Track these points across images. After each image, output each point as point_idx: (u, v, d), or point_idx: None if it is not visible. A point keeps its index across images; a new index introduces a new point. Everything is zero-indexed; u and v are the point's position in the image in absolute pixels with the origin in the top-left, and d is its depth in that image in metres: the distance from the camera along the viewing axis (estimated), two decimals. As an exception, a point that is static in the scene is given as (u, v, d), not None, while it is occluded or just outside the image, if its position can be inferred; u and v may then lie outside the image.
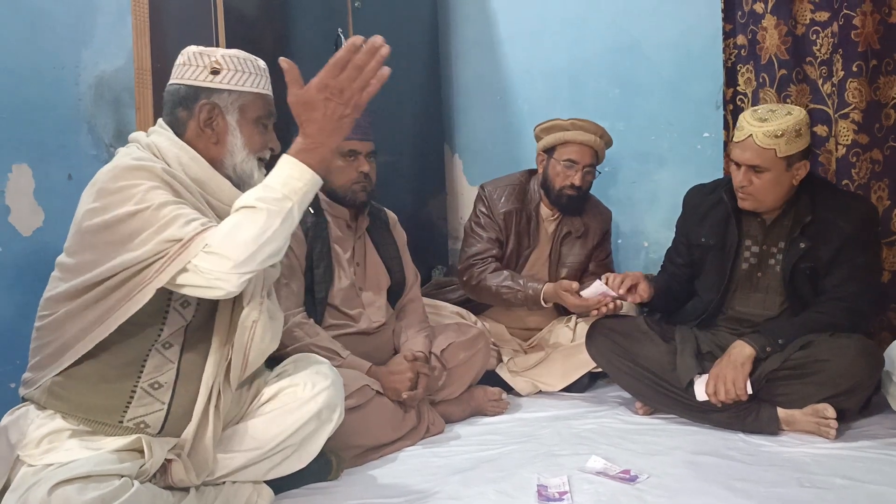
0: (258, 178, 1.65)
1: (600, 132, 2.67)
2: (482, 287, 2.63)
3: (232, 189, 1.62)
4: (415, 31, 3.22)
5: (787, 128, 2.06)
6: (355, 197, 2.23)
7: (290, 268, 2.14)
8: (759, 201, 2.15)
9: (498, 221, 2.71)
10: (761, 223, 2.24)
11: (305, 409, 1.67)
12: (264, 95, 1.68)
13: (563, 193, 2.67)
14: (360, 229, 2.33)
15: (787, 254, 2.18)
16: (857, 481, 1.75)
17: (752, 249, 2.25)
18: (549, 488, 1.75)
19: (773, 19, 2.54)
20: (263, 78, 1.69)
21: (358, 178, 2.21)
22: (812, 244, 2.14)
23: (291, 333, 2.06)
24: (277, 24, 2.48)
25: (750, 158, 2.10)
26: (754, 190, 2.13)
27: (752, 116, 2.12)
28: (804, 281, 2.17)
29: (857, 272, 2.13)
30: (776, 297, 2.22)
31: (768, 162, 2.09)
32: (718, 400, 2.08)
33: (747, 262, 2.25)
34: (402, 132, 3.12)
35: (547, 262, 2.75)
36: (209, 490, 1.58)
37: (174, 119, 1.64)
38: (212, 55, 1.63)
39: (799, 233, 2.16)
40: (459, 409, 2.36)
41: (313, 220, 2.21)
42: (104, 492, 1.34)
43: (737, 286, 2.27)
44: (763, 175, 2.10)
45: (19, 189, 2.22)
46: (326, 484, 1.85)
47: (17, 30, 2.22)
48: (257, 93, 1.66)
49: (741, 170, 2.13)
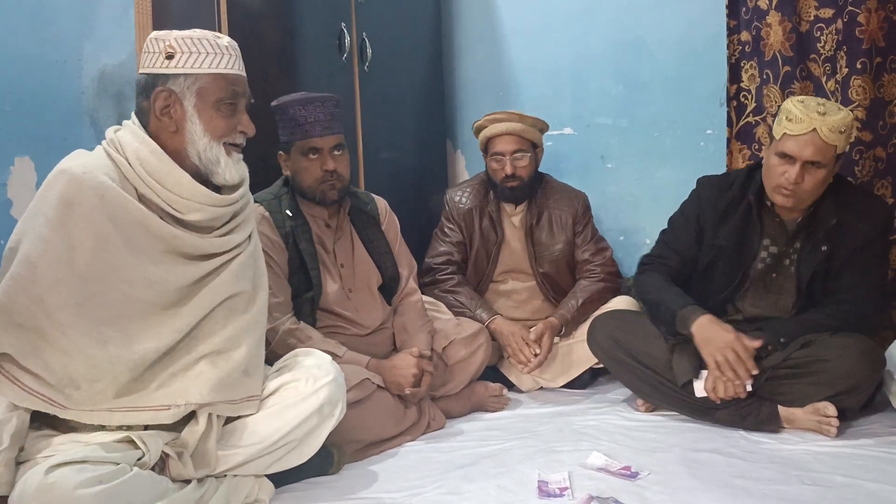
0: (225, 164, 1.61)
1: (516, 117, 2.66)
2: (437, 296, 2.64)
3: (192, 183, 1.58)
4: (418, 25, 3.21)
5: (848, 124, 1.97)
6: (325, 196, 2.16)
7: (273, 277, 2.07)
8: (801, 200, 2.05)
9: (459, 223, 2.74)
10: (782, 225, 2.18)
11: (307, 405, 1.67)
12: (225, 75, 1.60)
13: (504, 186, 2.67)
14: (342, 228, 2.27)
15: (808, 257, 2.13)
16: (857, 479, 1.75)
17: (769, 250, 2.19)
18: (550, 484, 1.76)
19: (777, 16, 2.53)
20: (225, 56, 1.60)
21: (324, 177, 2.14)
22: (834, 248, 2.10)
23: (285, 342, 2.04)
24: (281, 18, 2.48)
25: (812, 154, 1.97)
26: (804, 188, 2.00)
27: (809, 108, 1.98)
28: (819, 283, 2.15)
29: (868, 276, 2.11)
30: (789, 299, 2.19)
31: (828, 158, 1.97)
32: (717, 397, 2.08)
33: (763, 263, 2.20)
34: (405, 127, 3.11)
35: (525, 256, 2.73)
36: (210, 482, 1.58)
37: (139, 110, 1.62)
38: (166, 39, 1.58)
39: (822, 236, 2.10)
40: (460, 404, 2.36)
41: (292, 223, 2.15)
42: (101, 473, 1.35)
43: (750, 286, 2.23)
44: (818, 172, 1.99)
45: (22, 182, 2.21)
46: (327, 478, 1.85)
47: (20, 22, 2.22)
48: (216, 73, 1.58)
49: (796, 165, 1.98)
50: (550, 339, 2.54)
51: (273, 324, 2.04)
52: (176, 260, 1.58)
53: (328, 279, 2.20)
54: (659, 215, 2.50)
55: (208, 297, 1.61)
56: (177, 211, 1.57)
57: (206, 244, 1.62)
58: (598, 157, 3.18)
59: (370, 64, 2.82)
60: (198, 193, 1.59)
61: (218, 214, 1.64)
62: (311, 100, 2.14)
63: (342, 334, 2.20)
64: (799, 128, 1.98)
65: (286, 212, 2.16)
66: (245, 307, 1.68)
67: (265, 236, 2.09)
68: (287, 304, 2.12)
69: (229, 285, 1.64)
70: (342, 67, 2.71)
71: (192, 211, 1.59)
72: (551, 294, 2.73)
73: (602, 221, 3.08)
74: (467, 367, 2.37)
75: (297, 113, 2.12)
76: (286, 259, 2.13)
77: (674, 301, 2.15)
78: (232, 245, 1.67)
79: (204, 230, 1.63)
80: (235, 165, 1.64)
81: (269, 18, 2.42)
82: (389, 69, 2.95)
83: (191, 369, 1.56)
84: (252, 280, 1.72)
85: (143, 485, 1.41)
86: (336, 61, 2.68)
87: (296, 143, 2.15)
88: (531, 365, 2.50)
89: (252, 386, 1.65)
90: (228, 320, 1.64)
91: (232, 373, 1.60)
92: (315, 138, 2.13)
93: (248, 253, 1.72)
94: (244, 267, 1.69)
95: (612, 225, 3.14)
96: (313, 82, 2.55)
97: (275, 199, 2.18)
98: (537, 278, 2.72)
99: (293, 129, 2.14)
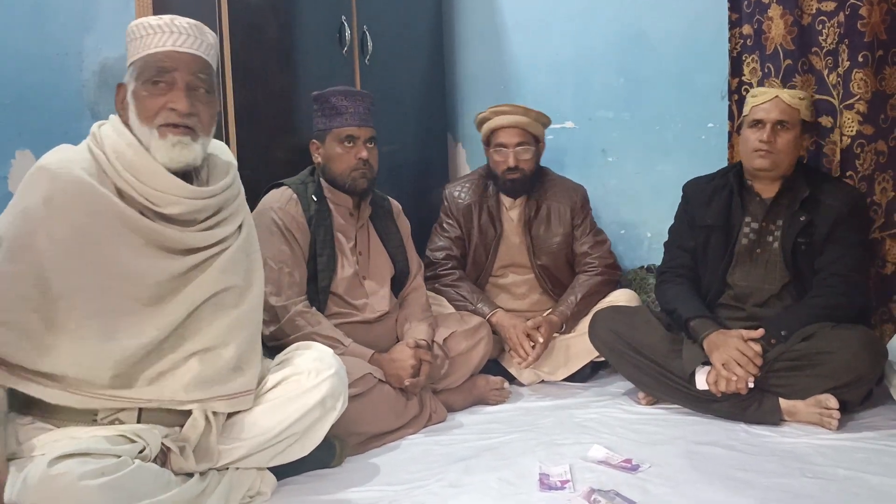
0: (156, 148, 1.53)
1: (521, 110, 2.67)
2: (439, 289, 2.66)
3: (166, 175, 1.54)
4: (419, 19, 3.20)
5: (806, 95, 2.31)
6: (355, 184, 2.23)
7: (293, 256, 2.14)
8: (777, 161, 2.24)
9: (457, 219, 2.74)
10: (761, 202, 2.31)
11: (309, 398, 1.68)
12: (153, 54, 1.53)
13: (505, 178, 2.68)
14: (363, 218, 2.33)
15: (788, 229, 2.25)
16: (858, 472, 1.75)
17: (751, 226, 2.32)
18: (551, 477, 1.76)
19: (778, 9, 2.52)
20: (157, 35, 1.54)
21: (357, 165, 2.21)
22: (810, 218, 2.22)
23: (293, 322, 2.06)
24: (281, 11, 2.47)
25: (779, 114, 2.24)
26: (777, 147, 2.23)
27: (770, 84, 2.34)
28: (802, 257, 2.23)
29: (851, 249, 2.21)
30: (776, 272, 2.27)
31: (794, 120, 2.25)
32: (719, 391, 2.08)
33: (746, 238, 2.31)
34: (406, 121, 3.11)
35: (523, 249, 2.73)
36: (213, 475, 1.59)
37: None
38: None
39: (798, 207, 2.24)
40: (461, 397, 2.37)
41: (316, 207, 2.20)
42: (104, 465, 1.35)
43: (737, 261, 2.31)
44: (787, 133, 2.24)
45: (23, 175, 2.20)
46: (329, 471, 1.86)
47: (21, 16, 2.21)
48: (146, 55, 1.54)
49: (766, 127, 2.24)
50: (549, 333, 2.54)
51: (286, 302, 2.08)
52: (157, 254, 1.55)
53: (345, 264, 2.24)
54: (660, 209, 2.51)
55: (193, 293, 1.57)
56: (154, 204, 1.54)
57: (187, 238, 1.58)
58: (600, 151, 3.18)
59: (371, 57, 2.82)
60: (173, 186, 1.54)
61: (198, 207, 1.59)
62: (352, 93, 2.26)
63: (349, 321, 2.21)
64: (763, 97, 2.28)
65: (312, 196, 2.21)
66: (235, 302, 1.65)
67: (291, 216, 2.16)
68: (302, 286, 2.16)
69: (216, 281, 1.61)
70: (343, 61, 2.70)
71: (170, 204, 1.55)
72: (550, 287, 2.73)
73: (603, 215, 3.08)
74: (468, 360, 2.38)
75: (338, 102, 2.21)
76: (308, 242, 2.18)
77: (686, 310, 2.25)
78: (216, 239, 1.63)
79: (187, 223, 1.59)
80: (171, 149, 1.54)
81: (270, 12, 2.42)
82: (390, 63, 2.94)
83: (180, 367, 1.55)
84: (244, 274, 1.69)
85: (145, 477, 1.41)
86: (337, 55, 2.67)
87: (333, 130, 2.22)
88: (528, 360, 2.50)
89: (245, 381, 1.63)
90: (216, 317, 1.61)
91: (221, 370, 1.58)
92: (353, 127, 2.21)
93: (237, 247, 1.67)
94: (233, 261, 1.65)
95: (613, 218, 3.14)
96: (314, 76, 2.54)
97: (302, 184, 2.24)
98: (535, 271, 2.73)
99: (333, 116, 2.21)
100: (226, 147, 1.79)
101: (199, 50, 1.57)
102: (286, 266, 2.12)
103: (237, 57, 2.26)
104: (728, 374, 2.06)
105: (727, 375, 2.06)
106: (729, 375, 2.05)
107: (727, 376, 2.06)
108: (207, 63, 1.59)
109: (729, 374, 2.06)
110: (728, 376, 2.06)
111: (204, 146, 1.60)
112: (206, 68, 1.59)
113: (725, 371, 2.06)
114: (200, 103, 1.57)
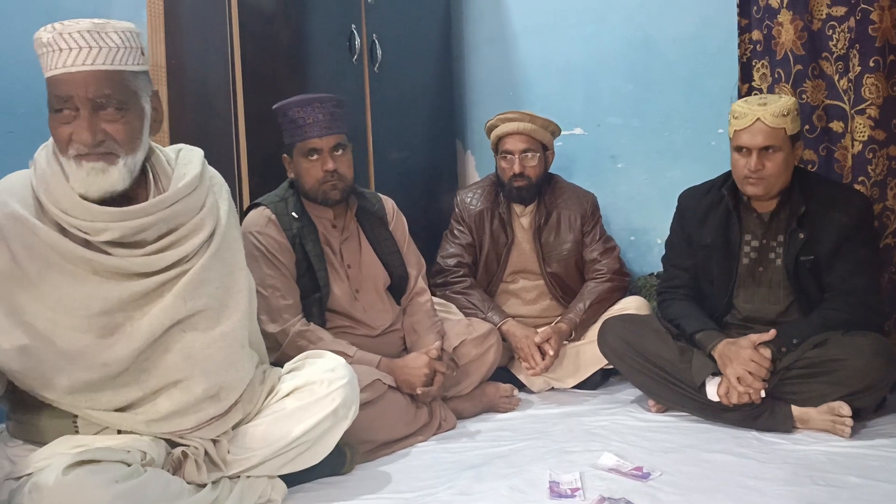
0: (74, 178, 1.42)
1: (527, 117, 2.67)
2: (449, 297, 2.66)
3: (81, 203, 1.43)
4: (428, 25, 3.22)
5: (789, 107, 2.13)
6: (327, 196, 2.16)
7: (281, 278, 2.09)
8: (770, 185, 2.15)
9: (469, 225, 2.75)
10: (759, 218, 2.25)
11: (322, 406, 1.68)
12: (49, 78, 1.41)
13: (513, 185, 2.68)
14: (348, 229, 2.27)
15: (788, 247, 2.19)
16: (871, 480, 1.74)
17: (751, 244, 2.26)
18: (562, 484, 1.75)
19: (788, 14, 2.52)
20: (49, 54, 1.40)
21: (325, 178, 2.13)
22: (810, 235, 2.15)
23: (295, 344, 2.04)
24: (291, 19, 2.48)
25: (763, 140, 2.12)
26: (767, 173, 2.13)
27: (751, 103, 2.15)
28: (807, 274, 2.17)
29: (861, 266, 2.14)
30: (780, 291, 2.22)
31: (780, 141, 2.12)
32: (730, 402, 2.07)
33: (747, 258, 2.26)
34: (415, 128, 3.12)
35: (534, 256, 2.74)
36: (224, 483, 1.59)
37: None
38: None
39: (796, 224, 2.18)
40: (471, 405, 2.36)
41: (298, 224, 2.15)
42: (117, 473, 1.35)
43: (739, 282, 2.27)
44: (776, 156, 2.13)
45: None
46: (339, 478, 1.86)
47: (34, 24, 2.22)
48: (47, 78, 1.41)
49: (753, 154, 2.13)
50: (558, 344, 2.54)
51: (283, 325, 2.05)
52: (101, 281, 1.45)
53: (336, 280, 2.20)
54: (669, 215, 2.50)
55: (150, 323, 1.46)
56: (85, 233, 1.43)
57: (132, 263, 1.46)
58: (609, 157, 3.17)
59: (380, 65, 2.83)
60: (97, 212, 1.43)
61: (136, 227, 1.46)
62: (310, 101, 2.13)
63: (351, 335, 2.20)
64: (744, 122, 2.14)
65: (292, 213, 2.16)
66: (209, 325, 1.53)
67: (272, 239, 2.10)
68: (296, 306, 2.12)
69: (177, 309, 1.48)
70: (352, 68, 2.71)
71: (101, 231, 1.44)
72: (559, 293, 2.73)
73: (612, 221, 3.07)
74: (478, 368, 2.38)
75: (295, 115, 2.12)
76: (294, 261, 2.14)
77: (689, 325, 2.24)
78: (170, 261, 1.50)
79: (135, 245, 1.48)
80: (86, 178, 1.42)
81: (280, 19, 2.43)
82: (399, 70, 2.95)
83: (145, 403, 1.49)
84: (217, 292, 1.56)
85: (158, 485, 1.42)
86: (346, 62, 2.68)
87: (297, 145, 2.15)
88: (537, 369, 2.50)
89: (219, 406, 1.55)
90: (184, 346, 1.50)
91: (188, 404, 1.50)
92: (314, 139, 2.13)
93: (203, 264, 1.53)
94: (197, 283, 1.52)
95: (622, 225, 3.13)
96: (323, 83, 2.55)
97: (281, 201, 2.18)
98: (545, 278, 2.73)
99: (293, 130, 2.14)
100: (197, 154, 1.65)
101: (96, 62, 1.41)
102: (276, 290, 2.07)
103: (247, 64, 2.26)
104: (745, 389, 2.05)
105: (743, 390, 2.05)
106: (746, 389, 2.04)
107: (743, 391, 2.05)
108: (110, 74, 1.42)
109: (746, 388, 2.05)
110: (745, 391, 2.05)
111: (129, 165, 1.46)
112: (110, 81, 1.42)
113: (742, 387, 2.05)
114: (111, 122, 1.42)
